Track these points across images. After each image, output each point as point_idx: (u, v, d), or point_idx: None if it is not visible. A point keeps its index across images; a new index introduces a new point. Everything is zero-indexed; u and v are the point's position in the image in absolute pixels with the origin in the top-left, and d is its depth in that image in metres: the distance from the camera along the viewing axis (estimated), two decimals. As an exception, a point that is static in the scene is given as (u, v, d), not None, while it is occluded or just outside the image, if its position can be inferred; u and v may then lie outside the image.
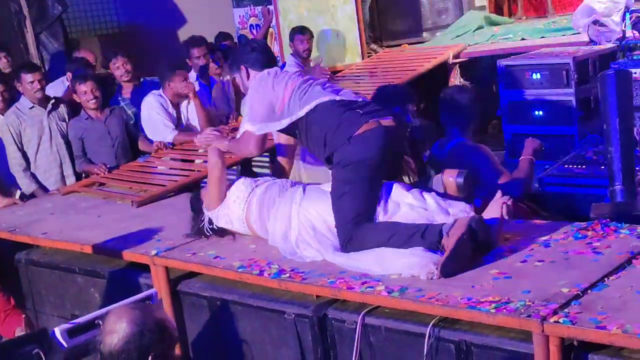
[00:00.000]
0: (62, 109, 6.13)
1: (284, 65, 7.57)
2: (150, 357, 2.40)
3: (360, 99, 3.84)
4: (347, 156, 3.59)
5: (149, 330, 2.41)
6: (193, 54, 6.88)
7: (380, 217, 3.57)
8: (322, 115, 3.71)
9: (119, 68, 6.64)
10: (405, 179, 3.97)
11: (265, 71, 3.98)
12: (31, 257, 4.87)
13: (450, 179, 3.63)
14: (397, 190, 3.61)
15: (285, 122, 3.82)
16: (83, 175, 6.10)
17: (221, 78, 7.10)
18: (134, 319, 2.43)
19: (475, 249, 3.31)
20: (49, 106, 6.05)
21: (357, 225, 3.53)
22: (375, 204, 3.58)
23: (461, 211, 3.49)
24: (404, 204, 3.54)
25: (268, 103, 3.86)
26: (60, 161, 6.06)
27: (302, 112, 3.75)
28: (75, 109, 6.15)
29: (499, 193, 3.54)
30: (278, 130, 3.99)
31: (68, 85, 6.60)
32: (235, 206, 3.98)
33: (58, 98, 6.29)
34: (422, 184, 3.81)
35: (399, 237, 3.41)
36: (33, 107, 6.00)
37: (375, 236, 3.48)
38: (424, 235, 3.36)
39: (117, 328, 2.43)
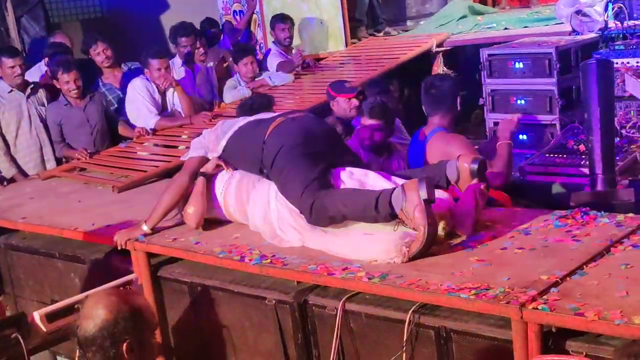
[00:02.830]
0: (41, 93, 6.08)
1: (268, 52, 7.55)
2: (124, 344, 2.39)
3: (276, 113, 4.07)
4: (268, 157, 3.71)
5: (123, 318, 2.39)
6: (180, 42, 6.82)
7: None
8: (243, 138, 3.91)
9: (100, 54, 6.59)
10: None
11: None
12: (10, 241, 4.85)
13: (465, 165, 3.61)
14: (375, 178, 3.64)
15: (219, 149, 4.01)
16: (63, 160, 6.06)
17: (205, 64, 7.06)
18: (110, 305, 2.41)
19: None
20: (28, 90, 5.99)
21: (315, 192, 3.53)
22: (322, 174, 3.61)
23: None
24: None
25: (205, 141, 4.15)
26: (40, 145, 6.01)
27: (228, 135, 3.97)
28: (53, 93, 6.09)
29: (474, 180, 3.56)
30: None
31: (46, 70, 6.54)
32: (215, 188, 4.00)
33: (37, 82, 6.24)
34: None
35: (356, 208, 3.43)
36: (12, 91, 5.94)
37: (335, 202, 3.48)
38: (377, 209, 3.35)
39: (92, 313, 2.41)
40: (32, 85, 6.06)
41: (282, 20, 7.45)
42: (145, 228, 4.02)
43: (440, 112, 4.35)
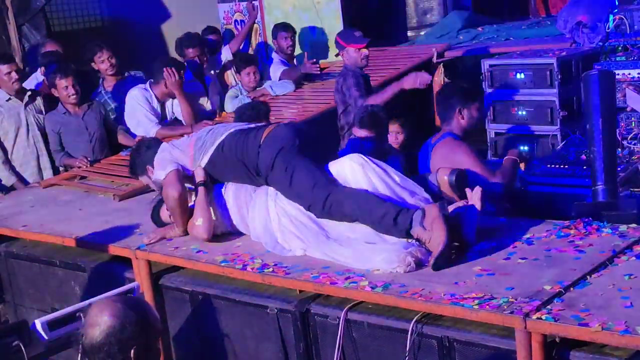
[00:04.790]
0: (39, 101, 6.06)
1: (270, 61, 7.55)
2: (132, 351, 2.38)
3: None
4: (266, 159, 3.73)
5: (130, 324, 2.38)
6: (187, 54, 6.81)
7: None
8: (232, 147, 3.89)
9: (104, 62, 6.58)
10: None
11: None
12: (11, 249, 4.83)
13: (444, 177, 3.71)
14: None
15: (203, 162, 3.96)
16: (61, 168, 6.03)
17: (211, 72, 7.09)
18: (116, 312, 2.40)
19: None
20: (26, 98, 5.98)
21: (327, 185, 3.57)
22: (324, 170, 3.66)
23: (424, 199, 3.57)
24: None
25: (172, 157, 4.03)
26: (37, 154, 5.99)
27: (213, 147, 3.93)
28: (51, 102, 6.08)
29: (477, 188, 3.57)
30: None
31: (43, 80, 6.53)
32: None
33: (34, 90, 6.22)
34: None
35: (372, 213, 3.44)
36: (10, 99, 5.93)
37: (352, 201, 3.50)
38: (396, 221, 3.38)
39: (98, 321, 2.40)
40: (29, 93, 6.04)
41: (284, 29, 7.48)
42: (178, 231, 4.05)
43: (447, 120, 4.36)
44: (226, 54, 7.54)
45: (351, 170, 3.64)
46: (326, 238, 3.57)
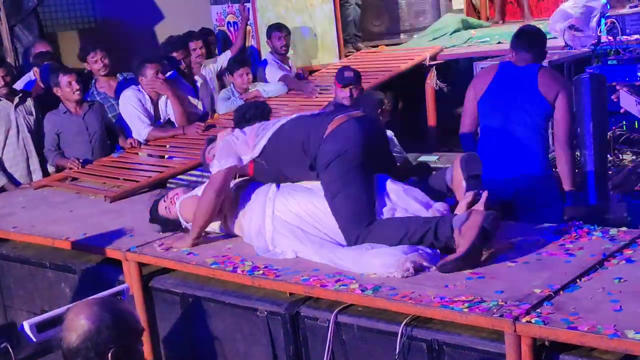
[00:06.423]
0: (29, 102, 6.03)
1: (264, 62, 7.55)
2: (110, 353, 2.36)
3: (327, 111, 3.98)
4: (326, 154, 3.59)
5: (106, 327, 2.36)
6: (173, 57, 6.79)
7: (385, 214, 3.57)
8: (292, 130, 3.78)
9: (97, 62, 6.56)
10: None
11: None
12: (1, 251, 4.81)
13: (457, 162, 3.62)
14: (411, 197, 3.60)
15: (258, 149, 3.81)
16: (51, 169, 6.00)
17: (206, 68, 7.09)
18: (92, 316, 2.37)
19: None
20: (16, 100, 5.94)
21: (362, 221, 3.49)
22: (372, 195, 3.57)
23: (445, 210, 3.52)
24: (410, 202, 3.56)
25: (236, 146, 3.86)
26: (27, 155, 5.96)
27: (270, 132, 3.80)
28: (42, 104, 6.06)
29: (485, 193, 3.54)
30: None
31: (35, 80, 6.50)
32: None
33: (25, 92, 6.19)
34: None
35: (412, 236, 3.38)
36: (0, 100, 5.90)
37: (388, 233, 3.44)
38: (437, 236, 3.34)
39: (74, 325, 2.37)
40: (20, 95, 6.02)
41: (278, 29, 7.49)
42: (189, 240, 3.92)
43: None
44: (227, 59, 7.50)
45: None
46: (326, 242, 3.54)
